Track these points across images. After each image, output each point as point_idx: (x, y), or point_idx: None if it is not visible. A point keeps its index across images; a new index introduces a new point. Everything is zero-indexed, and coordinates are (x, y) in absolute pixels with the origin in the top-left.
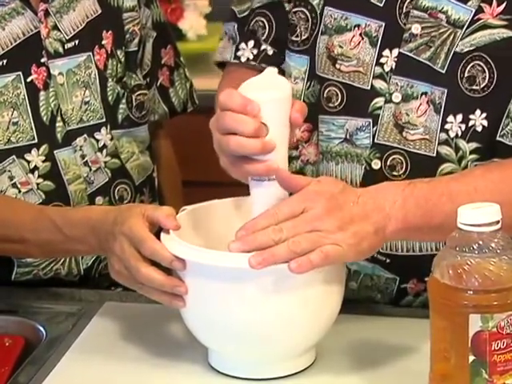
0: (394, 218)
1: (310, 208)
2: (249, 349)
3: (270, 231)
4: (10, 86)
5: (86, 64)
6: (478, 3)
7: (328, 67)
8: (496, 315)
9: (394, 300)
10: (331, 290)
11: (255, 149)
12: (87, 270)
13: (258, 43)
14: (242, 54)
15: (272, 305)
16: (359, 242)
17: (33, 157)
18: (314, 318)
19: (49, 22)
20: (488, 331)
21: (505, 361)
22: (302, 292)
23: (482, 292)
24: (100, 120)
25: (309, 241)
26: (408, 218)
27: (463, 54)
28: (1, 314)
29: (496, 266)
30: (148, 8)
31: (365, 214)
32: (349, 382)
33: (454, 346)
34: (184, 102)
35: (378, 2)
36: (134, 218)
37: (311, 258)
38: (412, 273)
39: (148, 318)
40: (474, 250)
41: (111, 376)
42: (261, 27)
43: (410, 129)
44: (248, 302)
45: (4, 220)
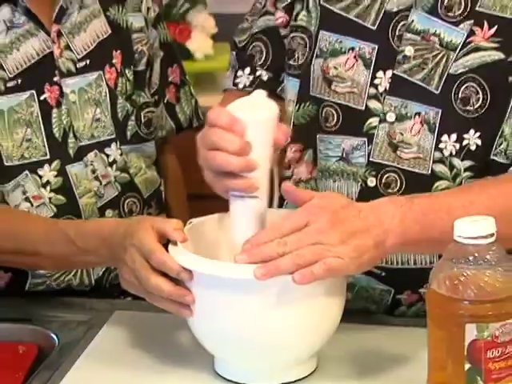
0: (393, 232)
1: (313, 222)
2: (253, 356)
3: (275, 244)
4: (24, 105)
5: (97, 82)
6: (469, 26)
7: (324, 88)
8: (491, 325)
9: (388, 310)
10: (333, 301)
11: (239, 166)
12: (98, 281)
13: (253, 69)
14: (239, 80)
15: (276, 315)
16: (360, 255)
17: (45, 172)
18: (315, 327)
19: (61, 42)
20: (483, 340)
21: (499, 368)
22: (305, 303)
23: (478, 302)
24: (110, 136)
25: (312, 253)
26: (406, 233)
27: (457, 75)
28: (15, 323)
29: (491, 278)
30: (155, 29)
31: (366, 228)
32: None
33: (450, 355)
34: (190, 118)
35: (371, 25)
36: (143, 230)
37: (314, 270)
38: (406, 285)
39: (156, 327)
40: (470, 262)
41: (121, 382)
42: (258, 52)
43: (404, 148)
44: (253, 312)
45: (17, 233)
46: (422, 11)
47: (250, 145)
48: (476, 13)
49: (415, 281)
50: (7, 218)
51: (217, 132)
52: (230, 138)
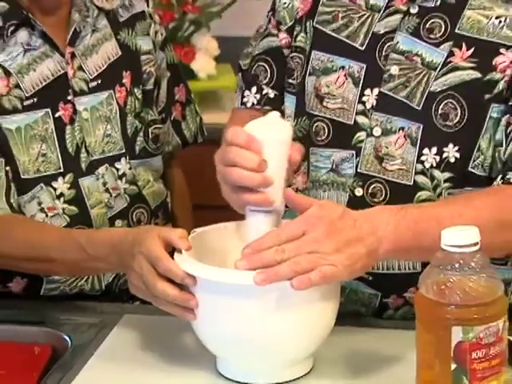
0: (387, 240)
1: (310, 231)
2: (253, 357)
3: (273, 252)
4: (40, 121)
5: (108, 101)
6: (449, 47)
7: (316, 105)
8: (476, 327)
9: (376, 313)
10: (327, 305)
11: (256, 181)
12: (108, 286)
13: (260, 88)
14: (247, 100)
15: (274, 318)
16: (353, 263)
17: (59, 184)
18: (311, 330)
19: (75, 63)
20: (468, 342)
21: (483, 368)
22: (302, 307)
23: (463, 306)
24: (120, 151)
25: (308, 261)
26: (399, 240)
27: (437, 93)
28: (31, 325)
29: (475, 283)
30: (163, 51)
31: (360, 237)
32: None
33: (437, 355)
34: (195, 135)
35: (359, 46)
36: (150, 238)
37: (311, 277)
38: (392, 289)
39: (162, 329)
40: (456, 269)
41: (129, 381)
42: (262, 71)
43: (389, 160)
44: (252, 316)
45: (33, 241)
46: (406, 33)
47: (266, 162)
48: (455, 35)
49: (400, 285)
50: (24, 227)
51: (235, 150)
52: (247, 156)
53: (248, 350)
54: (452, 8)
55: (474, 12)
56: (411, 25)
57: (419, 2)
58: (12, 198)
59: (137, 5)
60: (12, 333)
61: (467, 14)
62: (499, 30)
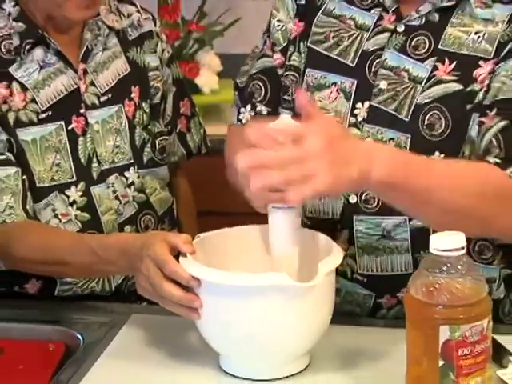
0: (379, 172)
1: (309, 141)
2: (254, 354)
3: (272, 153)
4: (54, 133)
5: (118, 114)
6: (433, 63)
7: None
8: (462, 326)
9: (371, 313)
10: (323, 305)
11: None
12: (117, 287)
13: (253, 106)
14: (242, 117)
15: (273, 317)
16: (343, 183)
17: (72, 192)
18: (308, 329)
19: (87, 79)
20: (455, 340)
21: (469, 365)
22: (299, 307)
23: (450, 307)
24: (129, 161)
25: (300, 174)
26: (391, 175)
27: (423, 105)
28: (45, 324)
29: (462, 285)
30: (169, 67)
31: (355, 161)
32: (337, 382)
33: (426, 352)
34: (199, 146)
35: (350, 63)
36: (158, 243)
37: (302, 189)
38: (385, 290)
39: (168, 328)
40: (444, 271)
41: (137, 376)
42: (258, 90)
43: None
44: (253, 316)
45: (48, 245)
46: (393, 50)
47: None
48: (438, 51)
49: (393, 286)
50: (39, 232)
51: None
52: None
53: (249, 347)
54: (435, 26)
55: (455, 29)
56: (398, 42)
57: (405, 21)
58: (28, 205)
59: (145, 24)
60: (28, 331)
61: (449, 31)
62: (478, 44)
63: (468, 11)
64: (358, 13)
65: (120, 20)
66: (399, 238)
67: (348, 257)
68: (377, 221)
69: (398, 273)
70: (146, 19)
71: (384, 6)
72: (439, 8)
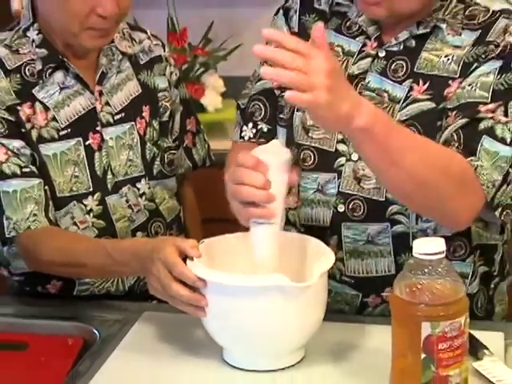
0: (363, 118)
1: (315, 58)
2: (254, 348)
3: (287, 54)
4: (73, 149)
5: (130, 131)
6: (409, 84)
7: (303, 136)
8: (442, 323)
9: (358, 311)
10: (317, 303)
11: (261, 197)
12: (130, 287)
13: (255, 124)
14: (244, 134)
15: (272, 315)
16: (334, 109)
17: (89, 202)
18: (303, 325)
19: (102, 99)
20: (436, 335)
21: (448, 358)
22: (295, 306)
23: (431, 305)
24: (140, 173)
25: (306, 83)
26: (373, 126)
27: (401, 121)
28: (65, 321)
29: (442, 285)
30: (176, 88)
31: (347, 97)
32: (329, 373)
33: (409, 347)
34: (204, 159)
35: None
36: (167, 247)
37: (303, 97)
38: (371, 290)
39: (177, 324)
40: (425, 273)
41: (148, 368)
42: (258, 109)
43: (366, 180)
44: (254, 313)
45: (68, 249)
46: (375, 73)
47: (270, 182)
48: (414, 73)
49: (378, 286)
50: (60, 237)
51: (245, 171)
52: (255, 176)
53: (250, 342)
54: (412, 51)
55: (428, 53)
56: (379, 66)
57: (386, 47)
58: (50, 212)
59: (155, 50)
60: (49, 327)
61: (423, 55)
62: (448, 65)
63: (440, 37)
64: (344, 40)
65: (132, 46)
66: (382, 243)
67: (337, 260)
68: (362, 227)
69: (382, 274)
70: (155, 45)
71: (367, 34)
72: (415, 35)
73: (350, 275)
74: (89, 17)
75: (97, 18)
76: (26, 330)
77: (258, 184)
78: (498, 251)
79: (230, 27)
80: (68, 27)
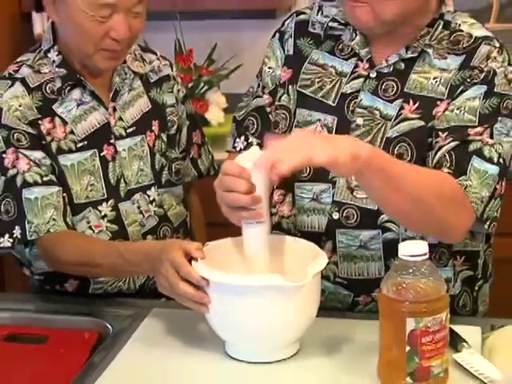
0: (366, 148)
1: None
2: (253, 342)
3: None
4: (89, 159)
5: (141, 143)
6: (400, 103)
7: None
8: (425, 318)
9: (349, 308)
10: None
11: (247, 202)
12: (141, 286)
13: (246, 137)
14: (237, 145)
15: (269, 311)
16: (341, 153)
17: (103, 208)
18: (299, 320)
19: (116, 115)
20: (419, 329)
21: (431, 350)
22: (291, 302)
23: (415, 302)
24: (150, 182)
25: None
26: (376, 154)
27: (393, 138)
28: (82, 316)
29: (425, 285)
30: (183, 104)
31: (343, 140)
32: (322, 364)
33: (395, 340)
34: (208, 169)
35: (332, 103)
36: (175, 249)
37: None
38: (362, 290)
39: (183, 319)
40: (410, 273)
41: (157, 359)
42: (251, 124)
43: (358, 190)
44: (253, 310)
45: (85, 251)
46: (367, 92)
47: (254, 185)
48: (404, 93)
49: (368, 287)
50: (77, 240)
51: (230, 178)
52: (239, 182)
53: (249, 336)
54: (401, 73)
55: (417, 75)
56: (371, 86)
57: (377, 69)
58: (68, 217)
59: (163, 69)
60: (67, 322)
61: (412, 77)
62: (436, 87)
63: (427, 61)
64: (337, 62)
65: (143, 66)
66: (374, 248)
67: (331, 263)
68: (355, 233)
69: (373, 277)
70: (164, 65)
71: (359, 56)
72: (404, 58)
73: (343, 277)
74: (103, 40)
75: (110, 40)
76: (46, 325)
77: (243, 190)
78: (481, 256)
79: (231, 49)
80: (84, 49)
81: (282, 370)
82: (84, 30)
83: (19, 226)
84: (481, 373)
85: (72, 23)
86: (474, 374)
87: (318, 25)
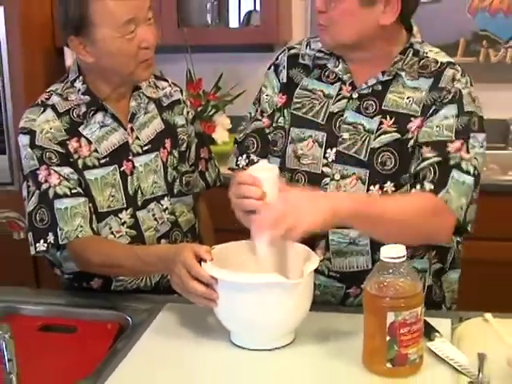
0: (344, 199)
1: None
2: (255, 331)
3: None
4: (110, 174)
5: (155, 159)
6: (379, 119)
7: (295, 162)
8: (403, 312)
9: (341, 301)
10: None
11: (260, 207)
12: (156, 283)
13: (248, 156)
14: (239, 163)
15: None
16: (318, 217)
17: (123, 215)
18: (295, 313)
19: (133, 134)
20: (398, 322)
21: (408, 339)
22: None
23: (395, 298)
24: (163, 193)
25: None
26: (357, 203)
27: (376, 148)
28: (105, 309)
29: (403, 283)
30: (192, 125)
31: (323, 198)
32: (314, 351)
33: (377, 331)
34: (215, 180)
35: (321, 121)
36: (186, 251)
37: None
38: (353, 282)
39: (194, 313)
40: (390, 273)
41: (170, 347)
42: (251, 143)
43: None
44: (255, 304)
45: (109, 254)
46: (351, 111)
47: (265, 193)
48: (382, 110)
49: (358, 279)
50: (101, 244)
51: (244, 187)
52: (253, 190)
53: (252, 327)
54: (379, 93)
55: (392, 95)
56: (354, 105)
57: (358, 91)
58: (93, 224)
59: (174, 95)
60: (93, 314)
61: (388, 96)
62: (410, 105)
63: (401, 82)
64: (324, 86)
65: (157, 92)
66: (362, 244)
67: (325, 259)
68: (345, 232)
69: (362, 269)
70: (175, 91)
71: (343, 81)
72: (381, 81)
73: (335, 271)
74: (138, 53)
75: (144, 51)
76: (75, 317)
77: (256, 196)
78: (450, 252)
79: (235, 78)
80: (125, 69)
81: (280, 356)
82: (122, 53)
83: (52, 233)
84: (451, 358)
85: (109, 53)
86: (445, 359)
87: (307, 56)
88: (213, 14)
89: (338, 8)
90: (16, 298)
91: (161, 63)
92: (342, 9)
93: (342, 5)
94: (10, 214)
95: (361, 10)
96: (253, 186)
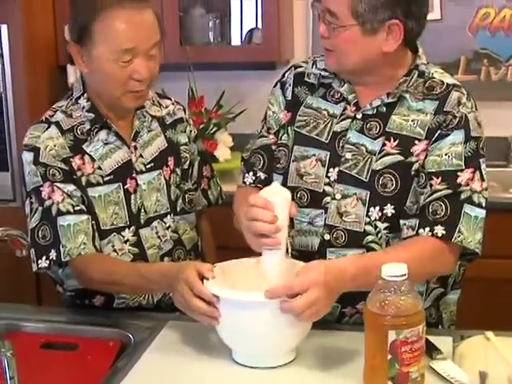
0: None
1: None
2: (256, 350)
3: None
4: (114, 191)
5: (158, 177)
6: (382, 140)
7: (298, 180)
8: (404, 331)
9: (337, 320)
10: None
11: (271, 230)
12: (158, 301)
13: (255, 173)
14: (246, 180)
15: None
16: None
17: (126, 233)
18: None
19: (137, 153)
20: (399, 340)
21: (409, 358)
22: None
23: (396, 317)
24: (166, 211)
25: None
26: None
27: (377, 170)
28: (107, 327)
29: (404, 301)
30: (195, 143)
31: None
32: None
33: (379, 349)
34: (217, 198)
35: (324, 140)
36: (189, 269)
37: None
38: (348, 302)
39: (195, 331)
40: (392, 292)
41: (172, 365)
42: (258, 160)
43: (347, 215)
44: (256, 322)
45: (111, 271)
46: (354, 131)
47: (277, 216)
48: (386, 132)
49: (354, 299)
50: (104, 261)
51: (256, 209)
52: (264, 213)
53: (253, 345)
54: (383, 114)
55: (397, 117)
56: (358, 125)
57: (362, 111)
58: (96, 241)
59: (177, 113)
60: (94, 332)
61: (393, 118)
62: (414, 128)
63: (406, 104)
64: (329, 105)
65: (160, 110)
66: None
67: None
68: (344, 252)
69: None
70: (178, 109)
71: (347, 101)
72: (386, 103)
73: None
74: (127, 82)
75: (134, 82)
76: (77, 334)
77: (267, 219)
78: (452, 276)
79: (237, 96)
80: (112, 93)
81: (281, 375)
82: (111, 76)
83: (54, 250)
84: (452, 377)
85: (100, 72)
86: (446, 378)
87: (313, 75)
88: (215, 32)
89: (341, 36)
90: (18, 315)
91: (163, 81)
92: (344, 37)
93: (344, 33)
94: (13, 232)
95: (363, 38)
96: (265, 210)
